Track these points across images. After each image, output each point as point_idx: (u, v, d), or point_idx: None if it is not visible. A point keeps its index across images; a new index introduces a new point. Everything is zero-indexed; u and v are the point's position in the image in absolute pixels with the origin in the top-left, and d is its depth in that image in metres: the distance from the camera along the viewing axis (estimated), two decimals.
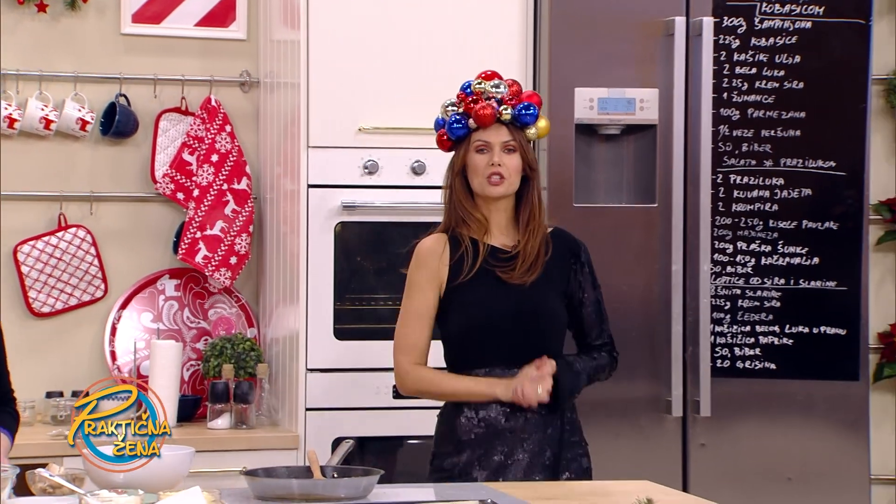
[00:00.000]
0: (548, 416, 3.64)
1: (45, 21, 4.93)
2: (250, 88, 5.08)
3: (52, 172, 4.94)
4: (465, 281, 3.63)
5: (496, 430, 3.64)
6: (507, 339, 3.64)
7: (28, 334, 4.85)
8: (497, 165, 3.62)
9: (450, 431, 3.68)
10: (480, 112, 3.64)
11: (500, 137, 3.65)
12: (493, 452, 3.63)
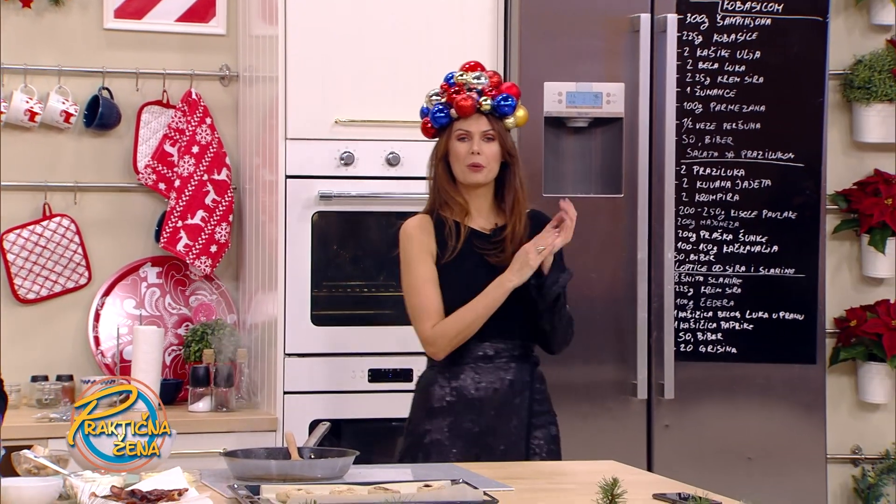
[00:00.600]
0: (517, 388, 3.71)
1: (29, 16, 4.90)
2: (230, 82, 5.07)
3: (37, 163, 4.92)
4: (451, 261, 3.72)
5: (466, 399, 3.71)
6: (497, 315, 3.69)
7: (14, 320, 4.83)
8: (476, 154, 3.72)
9: (423, 400, 3.76)
10: (461, 103, 3.74)
11: (479, 127, 3.74)
12: (462, 421, 3.70)
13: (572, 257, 4.57)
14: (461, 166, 3.74)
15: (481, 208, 3.79)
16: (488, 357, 3.74)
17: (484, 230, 3.77)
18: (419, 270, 3.75)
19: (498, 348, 3.75)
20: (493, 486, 3.08)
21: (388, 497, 2.78)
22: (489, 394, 3.72)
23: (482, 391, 3.72)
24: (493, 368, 3.74)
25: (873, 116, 5.22)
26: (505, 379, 3.73)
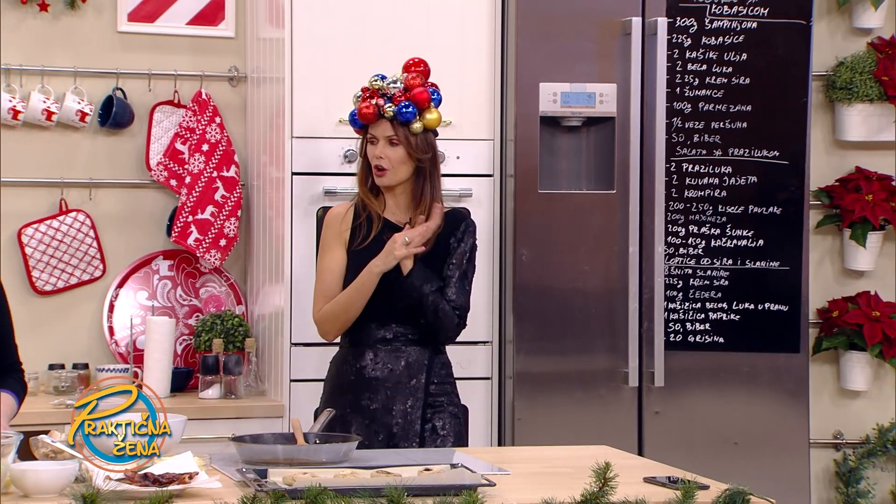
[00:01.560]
0: (413, 370, 3.78)
1: (46, 20, 4.90)
2: (238, 83, 5.06)
3: (53, 161, 4.91)
4: (362, 248, 3.79)
5: (364, 378, 3.79)
6: (380, 301, 3.76)
7: (32, 311, 4.83)
8: (379, 158, 3.79)
9: (333, 376, 3.88)
10: (363, 110, 3.83)
11: (384, 132, 3.81)
12: (361, 398, 3.78)
13: (566, 252, 4.59)
14: (372, 168, 3.81)
15: (399, 203, 3.84)
16: (387, 340, 3.81)
17: (399, 223, 3.81)
18: (326, 258, 3.85)
19: (397, 332, 3.81)
20: (490, 470, 3.08)
21: (390, 480, 2.78)
22: (385, 374, 3.79)
23: (378, 371, 3.79)
24: (391, 350, 3.80)
25: (855, 116, 5.22)
26: (401, 360, 3.79)
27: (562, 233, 4.59)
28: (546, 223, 4.57)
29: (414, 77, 3.82)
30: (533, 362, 4.55)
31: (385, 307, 3.78)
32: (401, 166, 3.79)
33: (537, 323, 4.54)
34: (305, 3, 4.52)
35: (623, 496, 2.79)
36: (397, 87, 3.80)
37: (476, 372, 4.57)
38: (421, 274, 3.74)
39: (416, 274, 3.74)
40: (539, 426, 4.51)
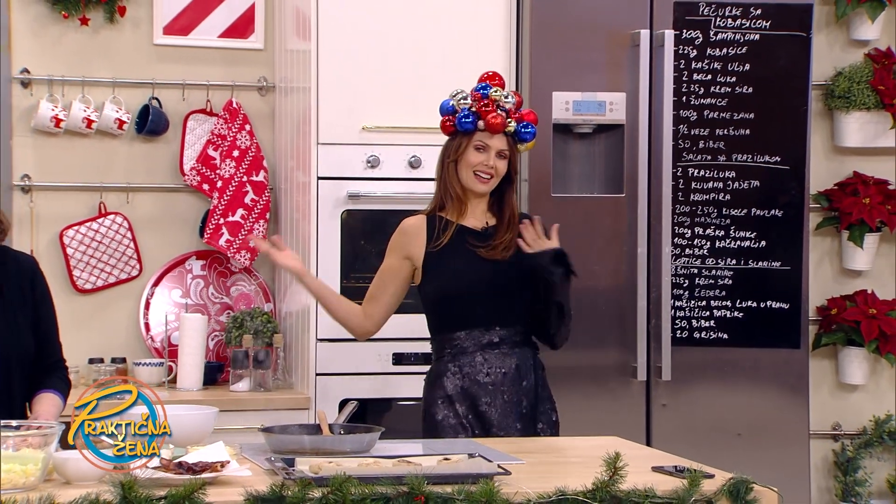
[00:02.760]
0: (523, 371, 3.70)
1: (86, 33, 4.91)
2: (267, 92, 5.07)
3: (93, 166, 4.93)
4: (438, 251, 3.69)
5: (479, 384, 3.68)
6: (482, 304, 3.68)
7: (73, 308, 4.84)
8: (489, 167, 3.68)
9: (437, 389, 3.71)
10: (493, 121, 3.69)
11: (498, 144, 3.70)
12: (478, 404, 3.67)
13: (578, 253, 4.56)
14: (469, 173, 3.69)
15: (476, 210, 3.75)
16: (494, 343, 3.70)
17: (475, 228, 3.73)
18: (385, 263, 3.79)
19: (502, 335, 3.71)
20: (506, 460, 3.07)
21: (411, 469, 2.78)
22: (499, 378, 3.69)
23: (492, 376, 3.69)
24: (499, 354, 3.70)
25: (852, 123, 5.21)
26: (511, 363, 3.70)
27: (574, 234, 4.56)
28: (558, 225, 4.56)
29: (516, 93, 3.75)
30: (547, 357, 4.53)
31: (486, 311, 3.68)
32: (498, 178, 3.70)
33: None
34: (331, 18, 4.52)
35: (632, 485, 2.78)
36: (510, 102, 3.71)
37: None
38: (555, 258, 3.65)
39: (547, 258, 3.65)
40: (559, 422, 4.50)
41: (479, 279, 3.68)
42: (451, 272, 3.69)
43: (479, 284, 3.68)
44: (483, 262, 3.69)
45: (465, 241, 3.70)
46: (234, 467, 2.80)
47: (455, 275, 3.69)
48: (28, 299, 3.43)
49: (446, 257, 3.69)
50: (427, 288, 3.73)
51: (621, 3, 4.61)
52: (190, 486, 2.58)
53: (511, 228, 3.71)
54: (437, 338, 3.75)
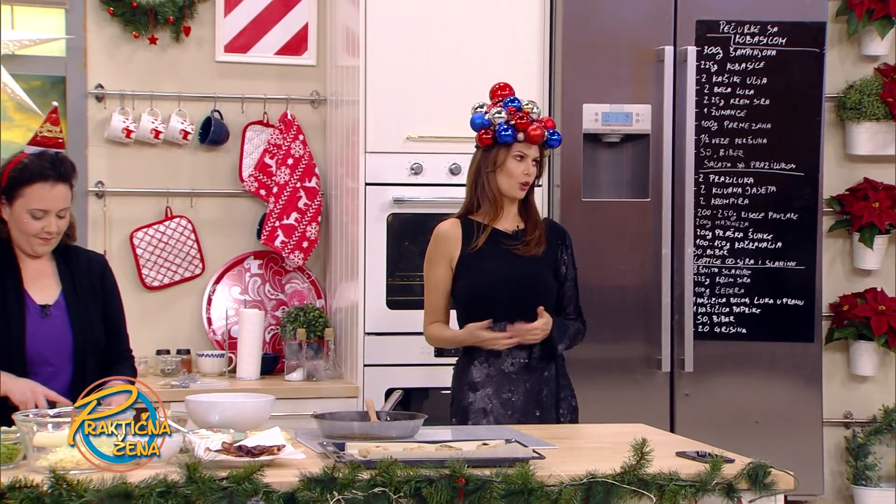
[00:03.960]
0: (544, 362, 3.69)
1: (155, 52, 4.94)
2: (319, 105, 5.08)
3: (160, 173, 4.95)
4: (474, 253, 3.68)
5: (503, 373, 3.68)
6: (512, 298, 3.67)
7: (141, 304, 4.87)
8: (528, 175, 3.69)
9: (464, 377, 3.72)
10: (532, 132, 3.68)
11: (534, 153, 3.71)
12: (502, 391, 3.67)
13: (606, 253, 4.58)
14: (512, 182, 3.69)
15: (509, 213, 3.74)
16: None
17: (508, 231, 3.72)
18: (432, 274, 3.74)
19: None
20: (540, 445, 3.06)
21: (452, 454, 2.78)
22: (522, 368, 3.69)
23: (517, 366, 3.69)
24: (523, 345, 3.68)
25: (863, 133, 5.18)
26: (534, 355, 3.69)
27: (603, 236, 4.57)
28: (589, 228, 4.56)
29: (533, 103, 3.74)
30: (577, 350, 4.51)
31: (511, 306, 3.66)
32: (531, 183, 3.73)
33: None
34: (378, 36, 4.53)
35: (658, 468, 2.77)
36: (538, 114, 3.71)
37: None
38: (557, 333, 3.67)
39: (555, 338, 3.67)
40: (582, 406, 4.48)
41: (513, 276, 3.68)
42: (487, 271, 3.68)
43: (512, 280, 3.68)
44: (519, 259, 3.69)
45: (499, 242, 3.70)
46: (290, 451, 2.81)
47: (493, 273, 3.68)
48: (98, 294, 3.45)
49: (482, 258, 3.69)
50: (461, 285, 3.71)
51: (647, 22, 4.59)
52: (249, 467, 2.59)
53: (537, 226, 3.74)
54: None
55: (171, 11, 4.86)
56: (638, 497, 2.74)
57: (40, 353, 3.31)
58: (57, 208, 3.31)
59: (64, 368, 3.35)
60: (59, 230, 3.33)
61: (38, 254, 3.36)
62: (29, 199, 3.28)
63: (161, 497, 2.51)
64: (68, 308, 3.38)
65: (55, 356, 3.34)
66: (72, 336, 3.36)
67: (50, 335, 3.34)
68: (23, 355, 3.29)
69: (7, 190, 3.30)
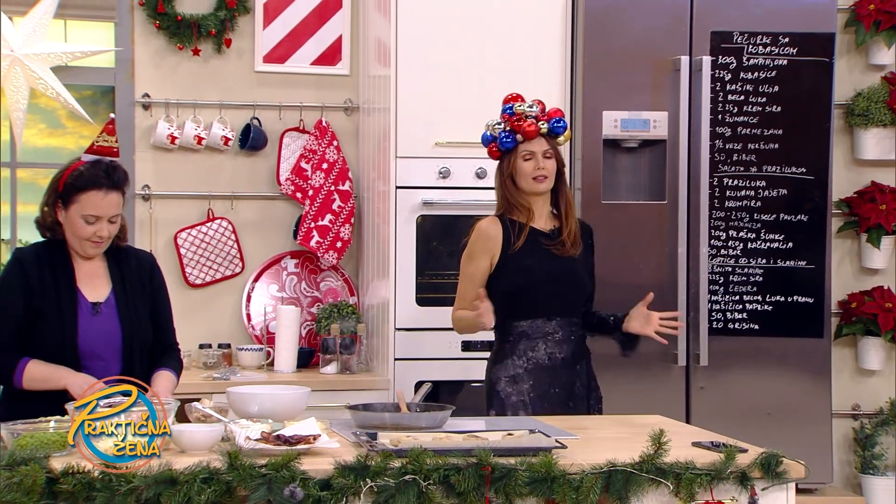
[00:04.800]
0: (577, 356, 3.70)
1: (198, 62, 4.96)
2: (352, 112, 5.08)
3: (202, 177, 4.97)
4: (517, 251, 3.67)
5: (541, 366, 3.68)
6: (551, 296, 3.67)
7: (185, 300, 4.89)
8: (541, 169, 3.67)
9: (502, 369, 3.71)
10: (528, 128, 3.68)
11: (541, 147, 3.69)
12: (541, 384, 3.67)
13: (625, 252, 4.57)
14: (527, 180, 3.68)
15: (541, 213, 3.73)
16: (554, 332, 3.69)
17: (545, 230, 3.72)
18: (471, 267, 3.72)
19: (562, 324, 3.70)
20: (563, 435, 3.06)
21: (479, 443, 2.78)
22: (558, 362, 3.69)
23: (553, 360, 3.69)
24: (559, 341, 3.70)
25: (871, 138, 5.15)
26: (569, 350, 3.70)
27: (622, 237, 4.56)
28: (608, 229, 4.54)
29: (539, 102, 3.74)
30: (596, 345, 4.50)
31: (549, 304, 3.67)
32: (552, 175, 3.68)
33: None
34: (408, 47, 4.53)
35: (674, 458, 2.77)
36: (535, 111, 3.70)
37: None
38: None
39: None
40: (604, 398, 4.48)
41: (553, 275, 3.68)
42: (528, 269, 3.68)
43: (552, 279, 3.68)
44: (557, 259, 3.69)
45: (538, 241, 3.70)
46: (325, 440, 2.81)
47: (532, 271, 3.67)
48: (147, 291, 3.47)
49: (523, 256, 3.68)
50: (502, 282, 3.69)
51: (664, 33, 4.57)
52: (287, 455, 2.60)
53: (570, 223, 3.70)
54: (504, 324, 3.73)
55: (213, 24, 4.88)
56: (655, 485, 2.74)
57: (91, 348, 3.33)
58: (109, 215, 3.33)
59: (113, 362, 3.37)
60: (109, 234, 3.36)
61: (89, 256, 3.38)
62: (83, 205, 3.31)
63: (204, 483, 2.52)
64: (118, 305, 3.39)
65: (105, 351, 3.36)
66: (120, 332, 3.38)
67: (100, 331, 3.36)
68: (75, 350, 3.31)
69: (64, 195, 3.33)
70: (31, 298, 3.30)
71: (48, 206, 3.36)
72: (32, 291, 3.31)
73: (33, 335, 3.30)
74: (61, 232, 3.37)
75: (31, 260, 3.35)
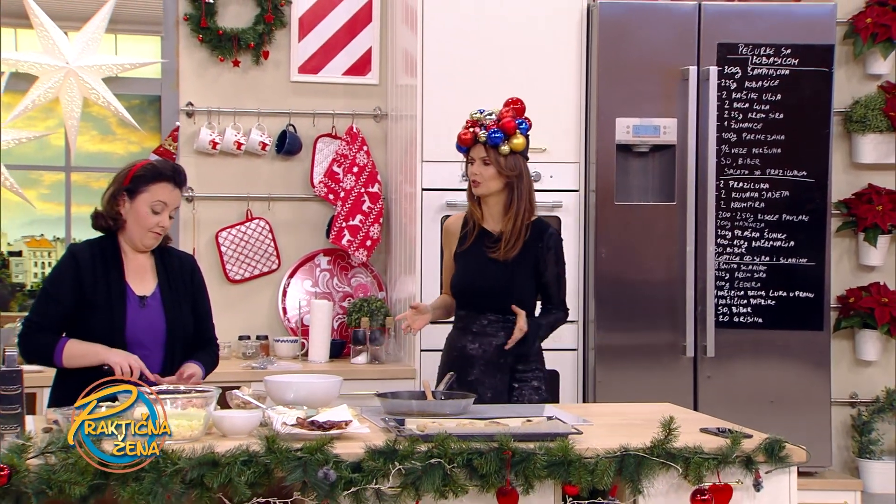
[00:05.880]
0: (502, 350, 3.62)
1: (238, 73, 4.97)
2: (381, 119, 5.09)
3: (241, 180, 4.98)
4: (463, 251, 3.71)
5: (465, 355, 3.66)
6: (478, 293, 3.65)
7: (225, 295, 4.90)
8: (475, 175, 3.67)
9: (444, 353, 3.76)
10: (461, 136, 3.72)
11: (479, 154, 3.68)
12: (462, 372, 3.62)
13: (636, 251, 4.55)
14: (469, 184, 3.70)
15: (493, 214, 3.70)
16: (483, 326, 3.67)
17: (493, 231, 3.69)
18: (445, 259, 3.81)
19: (491, 319, 3.66)
20: (578, 422, 3.05)
21: (500, 429, 2.77)
22: (479, 353, 3.65)
23: (475, 351, 3.66)
24: (486, 335, 3.66)
25: (868, 144, 5.13)
26: (493, 343, 3.65)
27: (633, 236, 4.54)
28: (620, 228, 4.53)
29: (507, 111, 3.70)
30: (610, 337, 4.51)
31: (483, 301, 3.66)
32: (491, 181, 3.65)
33: (614, 306, 4.51)
34: (433, 58, 4.53)
35: (684, 443, 2.76)
36: (491, 118, 3.68)
37: (566, 344, 4.54)
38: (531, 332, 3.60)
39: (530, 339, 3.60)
40: (615, 387, 4.47)
41: (482, 274, 3.65)
42: (462, 266, 3.70)
43: (480, 277, 3.65)
44: (491, 262, 3.65)
45: (481, 242, 3.69)
46: (356, 426, 2.81)
47: (465, 269, 3.70)
48: (188, 289, 3.48)
49: (463, 254, 3.71)
50: (453, 279, 3.74)
51: (674, 45, 4.55)
52: (321, 440, 2.61)
53: (513, 226, 3.64)
54: (456, 311, 3.76)
55: (252, 38, 4.90)
56: (666, 468, 2.73)
57: (137, 337, 3.35)
58: (173, 206, 3.41)
59: (156, 352, 3.38)
60: (167, 228, 3.40)
61: (147, 247, 3.41)
62: (153, 194, 3.36)
63: (244, 465, 2.53)
64: (163, 299, 3.41)
65: (150, 341, 3.37)
66: (165, 324, 3.39)
67: (146, 323, 3.37)
68: (122, 339, 3.32)
69: (131, 187, 3.37)
70: (82, 290, 3.33)
71: (113, 197, 3.39)
72: (83, 283, 3.33)
73: (84, 324, 3.32)
74: (122, 222, 3.39)
75: (83, 255, 3.38)
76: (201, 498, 2.51)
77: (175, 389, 2.94)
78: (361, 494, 2.57)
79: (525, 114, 3.77)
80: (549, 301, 3.70)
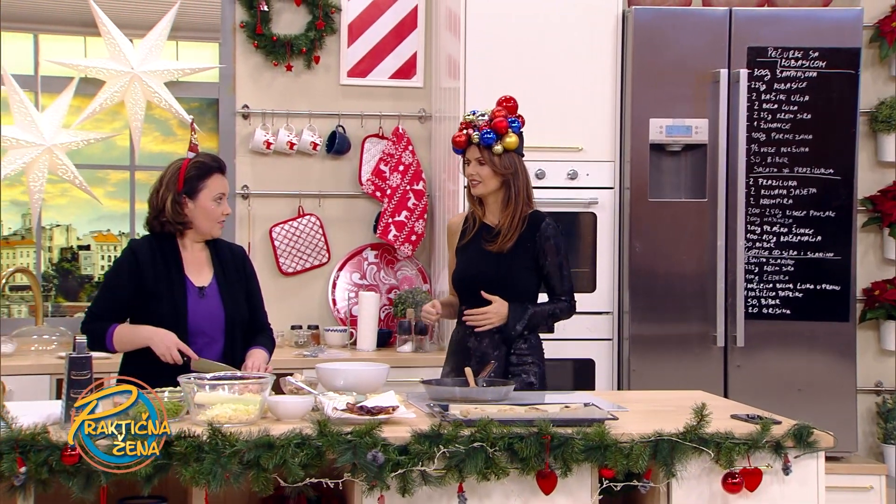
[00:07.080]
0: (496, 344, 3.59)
1: (290, 77, 4.99)
2: (425, 120, 5.09)
3: (293, 178, 5.01)
4: (463, 244, 3.68)
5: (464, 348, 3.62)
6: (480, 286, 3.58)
7: (279, 287, 4.93)
8: (471, 175, 3.63)
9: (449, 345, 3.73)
10: (455, 139, 3.66)
11: (474, 154, 3.64)
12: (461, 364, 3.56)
13: (669, 245, 4.52)
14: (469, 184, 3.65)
15: (493, 209, 3.65)
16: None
17: (492, 225, 3.65)
18: (448, 258, 3.77)
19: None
20: (613, 408, 3.04)
21: (539, 414, 2.77)
22: (475, 346, 3.60)
23: (472, 344, 3.61)
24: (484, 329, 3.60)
25: (893, 143, 5.08)
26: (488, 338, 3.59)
27: (666, 231, 4.51)
28: (654, 224, 4.51)
29: (499, 110, 3.63)
30: (644, 328, 4.49)
31: (474, 292, 3.60)
32: (488, 180, 3.60)
33: (647, 298, 4.48)
34: (475, 62, 4.52)
35: (715, 429, 2.74)
36: (483, 119, 3.62)
37: (601, 335, 4.52)
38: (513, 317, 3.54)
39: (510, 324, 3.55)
40: (649, 376, 4.45)
41: (478, 267, 3.60)
42: (462, 260, 3.67)
43: (476, 270, 3.61)
44: (487, 254, 3.60)
45: (481, 237, 3.64)
46: (402, 411, 2.82)
47: (464, 262, 3.66)
48: (241, 278, 3.51)
49: (465, 251, 3.67)
50: (454, 272, 3.71)
51: (705, 48, 4.51)
52: (369, 424, 2.62)
53: (510, 221, 3.59)
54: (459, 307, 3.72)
55: (304, 44, 4.92)
56: (698, 453, 2.71)
57: (199, 325, 3.37)
58: (228, 193, 3.46)
59: (217, 339, 3.41)
60: (229, 213, 3.48)
61: (215, 236, 3.47)
62: (212, 187, 3.41)
63: (297, 448, 2.54)
64: (219, 289, 3.44)
65: (210, 328, 3.40)
66: (223, 312, 3.42)
67: (206, 311, 3.40)
68: (185, 327, 3.35)
69: (188, 189, 3.39)
70: (142, 282, 3.35)
71: (175, 202, 3.39)
72: (143, 276, 3.36)
73: (149, 314, 3.35)
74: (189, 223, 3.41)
75: (143, 249, 3.41)
76: (258, 478, 2.52)
77: (233, 375, 2.96)
78: (408, 476, 2.58)
79: (518, 111, 3.68)
80: (553, 292, 3.63)
